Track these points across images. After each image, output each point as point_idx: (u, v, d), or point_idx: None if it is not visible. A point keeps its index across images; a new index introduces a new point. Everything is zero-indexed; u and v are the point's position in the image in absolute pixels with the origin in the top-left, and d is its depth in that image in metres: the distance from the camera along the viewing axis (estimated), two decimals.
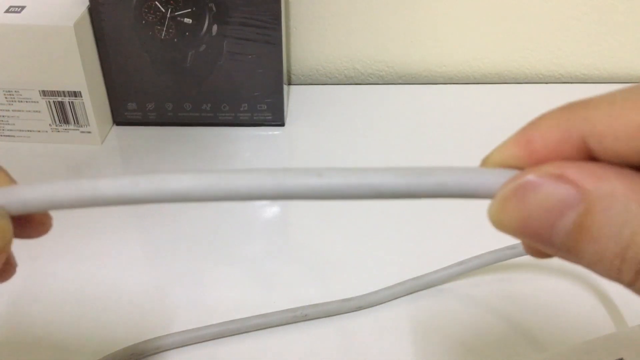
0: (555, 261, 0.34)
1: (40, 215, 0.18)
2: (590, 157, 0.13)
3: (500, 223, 0.14)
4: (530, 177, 0.13)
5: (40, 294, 0.33)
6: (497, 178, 0.14)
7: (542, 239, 0.13)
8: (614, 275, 0.13)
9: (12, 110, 0.42)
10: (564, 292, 0.33)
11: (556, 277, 0.34)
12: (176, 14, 0.41)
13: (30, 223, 0.18)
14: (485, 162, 0.15)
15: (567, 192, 0.13)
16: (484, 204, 0.14)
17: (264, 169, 0.14)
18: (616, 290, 0.32)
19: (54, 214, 0.17)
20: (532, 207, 0.13)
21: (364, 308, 0.32)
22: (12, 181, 0.17)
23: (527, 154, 0.14)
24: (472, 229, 0.37)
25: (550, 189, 0.13)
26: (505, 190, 0.14)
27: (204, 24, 0.41)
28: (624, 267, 0.12)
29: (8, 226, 0.15)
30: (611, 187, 0.12)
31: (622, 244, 0.12)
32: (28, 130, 0.43)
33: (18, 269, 0.31)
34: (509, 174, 0.14)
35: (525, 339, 0.31)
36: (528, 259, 0.32)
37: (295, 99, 0.49)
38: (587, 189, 0.12)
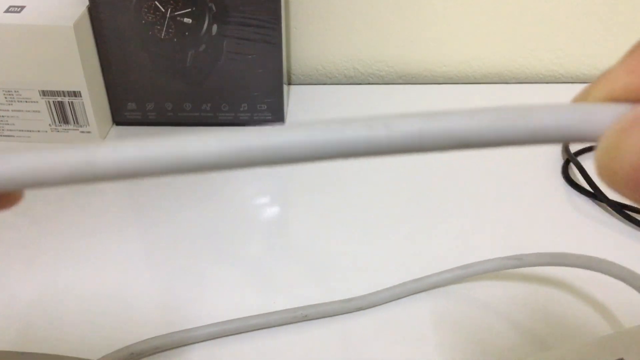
0: (556, 270, 0.33)
1: None
2: None
3: (608, 167, 0.10)
4: None
5: (40, 294, 0.33)
6: (609, 113, 0.11)
7: None
8: None
9: (12, 110, 0.42)
10: (562, 298, 0.33)
11: (555, 283, 0.34)
12: (176, 13, 0.41)
13: None
14: (584, 98, 0.12)
15: None
16: (485, 206, 0.13)
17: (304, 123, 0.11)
18: (613, 294, 0.32)
19: (54, 213, 0.16)
20: None
21: (364, 309, 0.32)
22: None
23: None
24: (474, 232, 0.37)
25: None
26: (621, 123, 0.10)
27: (204, 23, 0.41)
28: None
29: None
30: None
31: None
32: (28, 130, 0.43)
33: (18, 269, 0.31)
34: (623, 109, 0.11)
35: (524, 340, 0.31)
36: (530, 268, 0.32)
37: (295, 99, 0.49)
38: None
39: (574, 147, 0.43)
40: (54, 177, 0.12)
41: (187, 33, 0.41)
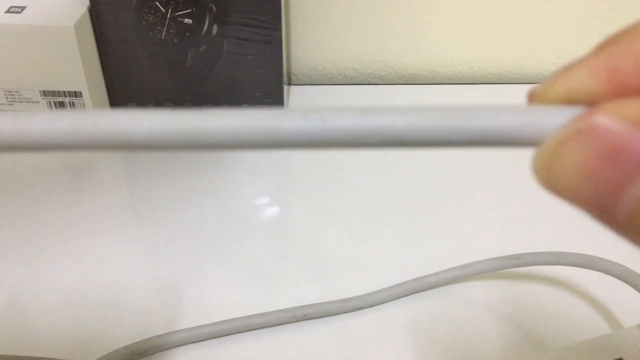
0: (555, 269, 0.34)
1: None
2: None
3: (547, 179, 0.10)
4: (600, 118, 0.09)
5: (40, 293, 0.33)
6: (558, 119, 0.10)
7: (603, 208, 0.09)
8: None
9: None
10: (561, 297, 0.33)
11: (554, 282, 0.34)
12: (176, 14, 0.41)
13: None
14: (540, 96, 0.11)
15: None
16: (484, 205, 0.12)
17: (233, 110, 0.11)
18: (613, 293, 0.32)
19: (54, 212, 0.15)
20: (596, 159, 0.09)
21: (364, 308, 0.32)
22: None
23: (609, 86, 0.10)
24: (474, 231, 0.37)
25: (627, 137, 0.09)
26: (562, 133, 0.10)
27: (204, 24, 0.41)
28: None
29: None
30: None
31: None
32: None
33: (17, 269, 0.31)
34: (574, 113, 0.10)
35: (524, 340, 0.31)
36: (529, 267, 0.33)
37: (295, 99, 0.49)
38: None
39: None
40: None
41: (187, 33, 0.41)
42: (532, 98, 0.11)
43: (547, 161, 0.10)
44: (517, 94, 0.50)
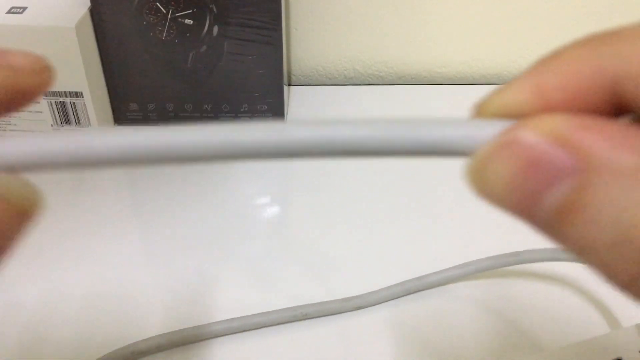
0: (553, 266, 0.34)
1: None
2: (619, 104, 0.10)
3: (478, 188, 0.11)
4: (521, 133, 0.10)
5: (40, 293, 0.33)
6: (489, 131, 0.11)
7: (526, 212, 0.11)
8: (607, 271, 0.10)
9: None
10: (560, 295, 0.33)
11: (553, 279, 0.34)
12: (177, 14, 0.41)
13: None
14: (480, 110, 0.12)
15: (562, 157, 0.10)
16: (483, 204, 0.11)
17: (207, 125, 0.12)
18: (610, 294, 0.32)
19: (54, 212, 0.15)
20: (517, 171, 0.10)
21: (364, 307, 0.32)
22: None
23: (536, 100, 0.11)
24: (474, 231, 0.37)
25: (542, 150, 0.10)
26: (489, 146, 0.11)
27: (205, 24, 0.41)
28: (618, 264, 0.10)
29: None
30: (618, 161, 0.09)
31: (619, 234, 0.09)
32: (30, 131, 0.43)
33: (18, 269, 0.31)
34: (504, 126, 0.11)
35: (523, 339, 0.31)
36: (529, 264, 0.33)
37: (295, 99, 0.49)
38: (588, 158, 0.10)
39: None
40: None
41: (188, 34, 0.42)
42: (475, 112, 0.12)
43: (477, 172, 0.11)
44: None
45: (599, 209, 0.10)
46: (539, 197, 0.10)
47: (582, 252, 0.10)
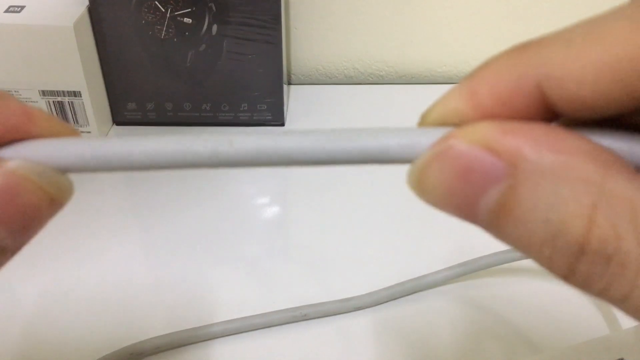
0: None
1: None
2: (548, 108, 0.11)
3: (419, 193, 0.12)
4: (453, 142, 0.11)
5: (40, 293, 0.33)
6: (428, 139, 0.12)
7: (467, 216, 0.11)
8: (546, 264, 0.11)
9: None
10: (560, 296, 0.33)
11: (553, 279, 0.34)
12: (176, 13, 0.41)
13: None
14: (424, 118, 0.13)
15: (492, 164, 0.11)
16: None
17: (161, 137, 0.13)
18: None
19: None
20: (453, 178, 0.11)
21: (363, 308, 0.32)
22: (72, 131, 0.15)
23: (471, 107, 0.12)
24: (472, 230, 0.37)
25: (473, 157, 0.11)
26: (426, 156, 0.12)
27: (204, 23, 0.41)
28: (555, 258, 0.10)
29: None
30: (543, 161, 0.10)
31: (550, 231, 0.10)
32: None
33: (18, 269, 0.31)
34: (441, 133, 0.12)
35: (524, 339, 0.31)
36: (528, 262, 0.32)
37: (295, 99, 0.49)
38: (515, 160, 0.10)
39: None
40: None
41: (187, 33, 0.41)
42: (419, 121, 0.13)
43: (417, 179, 0.12)
44: None
45: (529, 208, 0.10)
46: (476, 201, 0.11)
47: (522, 249, 0.11)
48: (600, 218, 0.10)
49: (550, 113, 0.11)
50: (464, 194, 0.11)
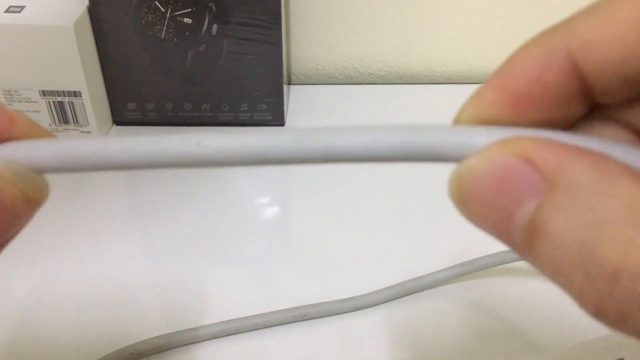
0: None
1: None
2: (581, 80, 0.11)
3: (461, 210, 0.12)
4: (493, 150, 0.11)
5: (39, 293, 0.33)
6: (467, 138, 0.12)
7: (501, 232, 0.11)
8: (575, 293, 0.10)
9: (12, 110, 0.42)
10: (561, 296, 0.33)
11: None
12: (176, 13, 0.41)
13: None
14: (459, 116, 0.13)
15: (530, 176, 0.10)
16: None
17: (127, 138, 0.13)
18: None
19: (54, 212, 0.16)
20: (489, 188, 0.11)
21: (363, 308, 0.32)
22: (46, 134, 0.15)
23: (504, 92, 0.12)
24: (472, 230, 0.37)
25: (511, 168, 0.10)
26: (465, 168, 0.11)
27: (204, 23, 0.41)
28: (585, 287, 0.09)
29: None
30: (583, 178, 0.10)
31: (583, 253, 0.09)
32: None
33: (18, 268, 0.31)
34: (481, 132, 0.12)
35: (524, 339, 0.31)
36: (530, 267, 0.32)
37: (295, 99, 0.49)
38: (553, 177, 0.10)
39: None
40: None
41: (187, 33, 0.41)
42: (455, 118, 0.13)
43: (457, 195, 0.12)
44: None
45: (563, 227, 0.10)
46: (511, 215, 0.10)
47: (552, 274, 0.10)
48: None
49: (584, 87, 0.11)
50: (500, 205, 0.11)
